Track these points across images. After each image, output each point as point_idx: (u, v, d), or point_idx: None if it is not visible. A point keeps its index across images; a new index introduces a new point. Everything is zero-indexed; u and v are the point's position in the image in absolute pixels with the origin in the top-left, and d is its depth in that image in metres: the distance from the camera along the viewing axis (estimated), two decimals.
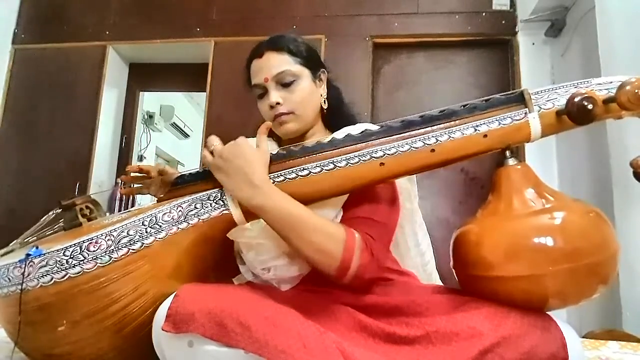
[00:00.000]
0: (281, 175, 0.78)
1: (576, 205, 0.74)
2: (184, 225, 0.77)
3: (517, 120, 0.76)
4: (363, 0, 2.48)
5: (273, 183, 0.78)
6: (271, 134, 0.98)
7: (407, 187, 0.96)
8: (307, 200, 0.78)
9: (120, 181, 2.55)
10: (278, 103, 0.89)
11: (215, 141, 0.80)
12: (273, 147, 0.94)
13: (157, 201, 0.86)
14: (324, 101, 0.95)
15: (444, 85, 2.42)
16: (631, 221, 1.40)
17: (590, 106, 0.71)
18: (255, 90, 0.92)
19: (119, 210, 2.51)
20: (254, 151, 0.78)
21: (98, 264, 0.71)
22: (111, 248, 0.73)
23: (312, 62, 0.93)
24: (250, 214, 0.79)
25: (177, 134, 4.36)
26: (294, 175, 0.78)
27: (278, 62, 0.89)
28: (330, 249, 0.74)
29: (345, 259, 0.74)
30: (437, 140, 0.77)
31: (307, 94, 0.91)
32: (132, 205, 2.59)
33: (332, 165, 0.78)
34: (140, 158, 3.27)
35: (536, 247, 0.68)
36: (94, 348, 0.75)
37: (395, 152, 0.77)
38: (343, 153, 0.78)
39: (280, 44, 0.91)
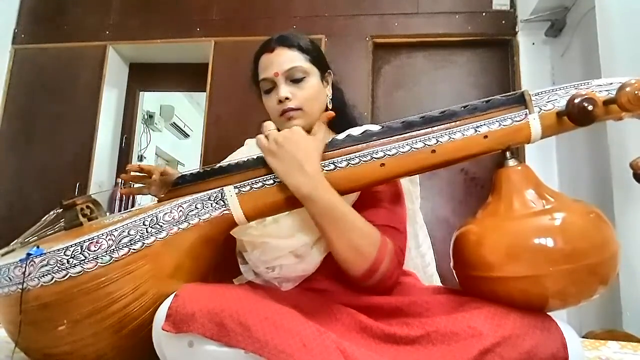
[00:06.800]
0: None
1: (576, 206, 0.74)
2: (185, 225, 0.77)
3: (517, 121, 0.76)
4: (363, 0, 2.49)
5: (273, 184, 0.78)
6: None
7: (409, 189, 0.97)
8: None
9: (120, 181, 2.56)
10: (287, 98, 0.89)
11: (270, 126, 0.80)
12: None
13: (158, 201, 0.86)
14: (329, 102, 0.96)
15: (444, 85, 2.42)
16: (631, 221, 1.40)
17: (590, 107, 0.71)
18: (263, 84, 0.92)
19: (120, 210, 2.52)
20: (309, 140, 0.78)
21: (99, 264, 0.71)
22: (112, 248, 0.73)
23: (321, 62, 0.94)
24: (251, 215, 0.79)
25: (177, 134, 4.36)
26: None
27: (289, 58, 0.90)
28: (365, 249, 0.75)
29: (377, 262, 0.75)
30: (438, 141, 0.77)
31: (316, 92, 0.91)
32: (133, 205, 2.59)
33: (332, 166, 0.78)
34: (140, 158, 3.27)
35: (536, 248, 0.68)
36: (94, 348, 0.75)
37: (396, 153, 0.77)
38: (344, 153, 0.78)
39: (291, 41, 0.91)
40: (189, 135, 4.46)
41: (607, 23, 1.55)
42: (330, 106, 0.96)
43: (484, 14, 2.39)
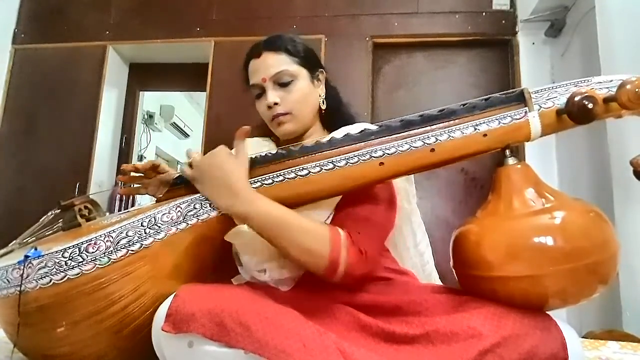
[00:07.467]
0: (280, 175, 0.78)
1: (576, 205, 0.73)
2: (183, 225, 0.77)
3: (517, 119, 0.76)
4: (363, 0, 2.48)
5: (272, 184, 0.78)
6: (270, 134, 0.98)
7: (405, 187, 0.96)
8: (306, 200, 0.79)
9: (119, 181, 2.55)
10: (276, 103, 0.89)
11: (194, 154, 0.80)
12: (272, 147, 0.95)
13: (156, 201, 0.86)
14: (322, 101, 0.95)
15: (444, 85, 2.42)
16: (631, 221, 1.40)
17: (590, 105, 0.70)
18: (253, 90, 0.92)
19: (119, 210, 2.51)
20: (231, 159, 0.78)
21: (97, 265, 0.71)
22: (110, 249, 0.72)
23: (310, 62, 0.93)
24: None
25: (177, 133, 4.36)
26: (293, 175, 0.78)
27: (275, 62, 0.89)
28: (316, 249, 0.74)
29: (333, 257, 0.73)
30: (437, 139, 0.76)
31: (305, 94, 0.91)
32: (132, 205, 2.59)
33: (331, 165, 0.77)
34: (141, 158, 3.26)
35: (536, 247, 0.68)
36: (94, 349, 0.74)
37: (395, 152, 0.77)
38: (342, 153, 0.78)
39: (277, 44, 0.90)
40: (189, 135, 4.46)
41: (607, 23, 1.55)
42: (323, 105, 0.95)
43: (484, 13, 2.39)
